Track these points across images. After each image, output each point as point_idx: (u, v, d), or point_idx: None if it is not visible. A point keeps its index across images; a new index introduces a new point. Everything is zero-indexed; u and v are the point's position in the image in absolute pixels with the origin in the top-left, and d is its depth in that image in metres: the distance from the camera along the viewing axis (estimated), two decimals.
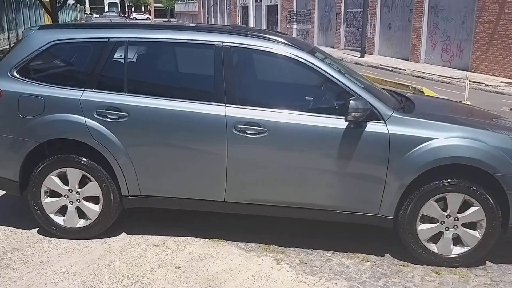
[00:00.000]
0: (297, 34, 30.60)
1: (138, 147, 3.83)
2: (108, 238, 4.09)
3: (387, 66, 17.78)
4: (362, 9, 20.90)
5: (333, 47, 25.14)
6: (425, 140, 3.63)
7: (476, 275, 3.74)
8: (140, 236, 4.15)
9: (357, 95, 3.67)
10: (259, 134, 3.71)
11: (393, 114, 3.71)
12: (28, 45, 4.00)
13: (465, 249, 3.79)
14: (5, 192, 4.56)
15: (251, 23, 39.13)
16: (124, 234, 4.18)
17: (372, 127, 3.67)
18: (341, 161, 3.71)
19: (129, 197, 3.94)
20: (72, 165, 3.92)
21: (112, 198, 3.95)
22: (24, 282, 3.45)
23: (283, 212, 3.92)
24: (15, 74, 3.96)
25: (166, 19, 79.85)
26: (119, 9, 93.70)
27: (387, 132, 3.65)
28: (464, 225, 3.76)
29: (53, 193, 4.03)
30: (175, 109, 3.78)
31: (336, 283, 3.54)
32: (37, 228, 4.21)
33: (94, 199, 4.01)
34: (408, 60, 19.00)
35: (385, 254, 3.99)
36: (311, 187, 3.79)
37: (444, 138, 3.65)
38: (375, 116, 3.69)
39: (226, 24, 45.41)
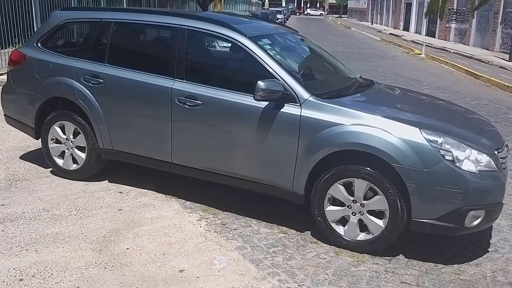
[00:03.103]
0: (454, 33, 28.86)
1: (109, 108, 4.68)
2: (91, 182, 5.04)
3: None
4: None
5: (487, 49, 23.27)
6: (331, 125, 3.83)
7: (373, 262, 3.82)
8: (116, 184, 5.02)
9: (276, 78, 4.00)
10: (196, 106, 4.28)
11: (309, 98, 3.96)
12: (50, 22, 5.12)
13: (370, 236, 3.89)
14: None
15: (413, 20, 37.82)
16: (106, 181, 5.09)
17: (288, 108, 3.98)
18: (259, 137, 4.09)
19: (104, 149, 4.82)
20: (68, 119, 4.92)
21: (93, 149, 4.87)
22: (7, 201, 4.55)
23: (215, 178, 4.42)
24: (39, 44, 5.10)
25: (338, 15, 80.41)
26: (295, 5, 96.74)
27: (299, 114, 3.94)
28: (370, 212, 3.87)
29: (58, 141, 5.08)
30: (137, 79, 4.54)
31: (231, 242, 3.97)
32: (51, 169, 5.31)
33: (82, 149, 4.97)
34: None
35: (306, 231, 4.25)
36: (236, 157, 4.24)
37: (349, 124, 3.80)
38: (293, 98, 3.98)
39: (389, 20, 44.39)
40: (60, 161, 5.11)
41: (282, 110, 3.97)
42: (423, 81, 13.77)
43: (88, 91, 4.72)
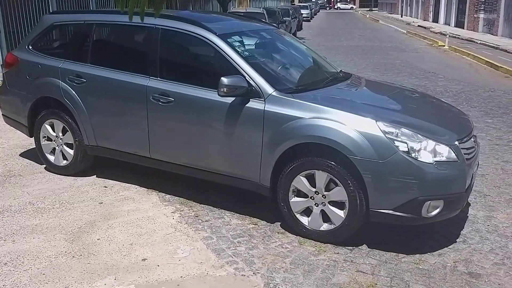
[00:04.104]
0: (483, 24, 28.18)
1: (92, 106, 4.91)
2: (80, 177, 5.29)
3: None
4: None
5: None
6: (292, 119, 3.94)
7: (334, 252, 3.90)
8: (103, 179, 5.25)
9: (241, 74, 4.12)
10: (168, 103, 4.45)
11: (272, 93, 4.07)
12: (40, 25, 5.40)
13: (332, 226, 3.98)
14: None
15: (442, 12, 37.09)
16: (94, 176, 5.33)
17: (253, 103, 4.10)
18: (227, 132, 4.23)
19: (90, 146, 5.05)
20: (56, 118, 5.18)
21: (80, 146, 5.11)
22: None
23: (189, 172, 4.58)
24: (30, 47, 5.38)
25: (368, 9, 79.40)
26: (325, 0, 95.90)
27: (263, 109, 4.05)
28: (331, 203, 3.95)
29: (49, 139, 5.36)
30: (116, 78, 4.75)
31: (199, 233, 4.13)
32: (45, 165, 5.60)
33: (70, 146, 5.22)
34: None
35: (276, 223, 4.36)
36: (206, 152, 4.39)
37: (309, 118, 3.90)
38: (257, 94, 4.11)
39: (419, 12, 43.63)
40: (51, 158, 5.38)
41: (247, 105, 4.09)
42: (439, 74, 13.59)
43: (72, 91, 4.95)
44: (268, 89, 4.07)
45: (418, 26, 35.40)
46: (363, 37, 26.86)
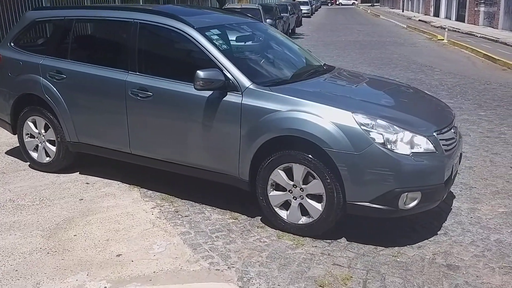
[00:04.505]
0: (483, 17, 28.01)
1: (72, 102, 4.88)
2: (62, 174, 5.27)
3: None
4: None
5: None
6: (269, 112, 3.89)
7: (312, 245, 3.86)
8: (85, 176, 5.22)
9: (219, 68, 4.08)
10: (147, 98, 4.42)
11: (250, 86, 4.03)
12: (21, 22, 5.38)
13: (310, 220, 3.94)
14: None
15: (443, 5, 36.91)
16: (77, 173, 5.30)
17: (230, 97, 4.06)
18: (206, 126, 4.19)
19: (71, 142, 5.02)
20: (38, 114, 5.15)
21: (62, 142, 5.08)
22: None
23: (169, 167, 4.54)
24: (12, 44, 5.35)
25: (370, 4, 79.12)
26: None
27: (240, 102, 4.01)
28: (309, 196, 3.91)
29: (32, 136, 5.34)
30: (96, 73, 4.71)
31: (177, 228, 4.10)
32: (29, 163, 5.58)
33: (53, 143, 5.20)
34: None
35: (257, 217, 4.33)
36: (186, 146, 4.35)
37: (286, 111, 3.86)
38: (234, 87, 4.06)
39: (420, 7, 43.42)
40: (35, 155, 5.35)
41: (224, 98, 4.05)
42: (435, 67, 13.51)
43: (53, 87, 4.92)
44: (246, 82, 4.03)
45: (419, 20, 35.24)
46: (362, 32, 26.75)
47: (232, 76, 4.04)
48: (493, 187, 5.04)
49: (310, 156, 3.74)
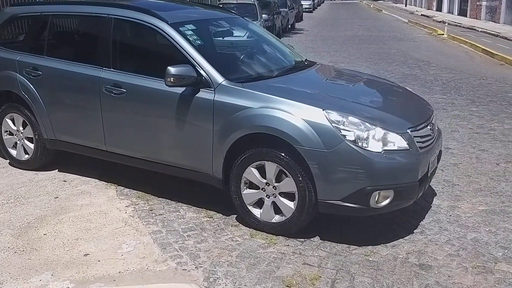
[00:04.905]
0: (485, 11, 27.78)
1: (49, 99, 4.82)
2: (41, 172, 5.22)
3: None
4: None
5: None
6: (241, 109, 3.83)
7: (285, 244, 3.80)
8: (64, 173, 5.17)
9: (191, 64, 4.01)
10: (121, 94, 4.36)
11: (222, 83, 3.96)
12: (0, 18, 5.30)
13: (283, 218, 3.88)
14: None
15: (445, 0, 36.62)
16: (56, 170, 5.26)
17: (203, 93, 3.99)
18: (179, 123, 4.12)
19: (48, 139, 4.97)
20: (16, 111, 5.11)
21: (39, 140, 5.04)
22: None
23: (144, 164, 4.48)
24: None
25: None
26: None
27: (212, 99, 3.95)
28: (282, 194, 3.85)
29: (11, 133, 5.29)
30: (70, 70, 4.66)
31: (149, 227, 4.04)
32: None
33: (31, 140, 5.15)
34: None
35: (232, 215, 4.27)
36: (159, 144, 4.29)
37: (257, 107, 3.79)
38: (207, 83, 3.99)
39: (423, 1, 43.16)
40: (14, 152, 5.32)
41: (197, 95, 3.99)
42: (432, 62, 13.40)
43: (29, 84, 4.88)
44: (218, 78, 3.96)
45: (421, 15, 34.99)
46: (363, 27, 26.58)
47: (205, 72, 3.98)
48: (476, 184, 4.97)
49: (282, 154, 3.68)
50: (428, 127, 3.97)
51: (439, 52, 15.88)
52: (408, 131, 3.71)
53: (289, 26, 23.43)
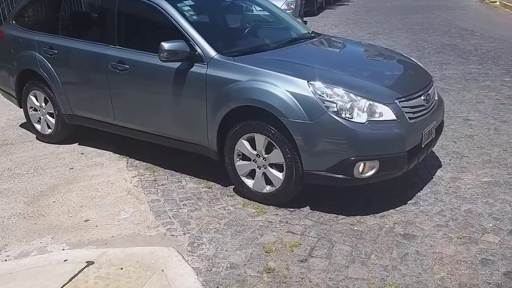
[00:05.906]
0: None
1: (64, 76, 5.11)
2: (62, 145, 5.56)
3: None
4: None
5: None
6: (231, 82, 3.93)
7: (274, 213, 3.91)
8: (83, 146, 5.49)
9: (186, 39, 4.14)
10: (124, 70, 4.57)
11: (214, 57, 4.07)
12: (21, 0, 5.62)
13: (273, 188, 3.99)
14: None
15: None
16: (76, 144, 5.59)
17: (196, 68, 4.12)
18: (176, 97, 4.29)
19: (66, 114, 5.29)
20: (38, 89, 5.45)
21: (59, 115, 5.37)
22: None
23: (148, 137, 4.69)
24: (14, 22, 5.64)
25: None
26: None
27: (205, 73, 4.08)
28: (271, 165, 3.95)
29: (35, 109, 5.66)
30: (80, 48, 4.91)
31: (149, 196, 4.26)
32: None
33: (52, 115, 5.49)
34: None
35: (230, 186, 4.42)
36: (160, 117, 4.47)
37: (245, 80, 3.88)
38: (200, 58, 4.12)
39: None
40: (38, 127, 5.68)
41: (191, 69, 4.12)
42: (476, 31, 12.82)
43: (47, 62, 5.17)
44: (211, 52, 4.07)
45: None
46: None
47: (198, 47, 4.09)
48: (487, 156, 4.85)
49: (270, 126, 3.76)
50: (422, 97, 3.93)
51: (486, 20, 15.15)
52: (395, 101, 3.69)
53: None
